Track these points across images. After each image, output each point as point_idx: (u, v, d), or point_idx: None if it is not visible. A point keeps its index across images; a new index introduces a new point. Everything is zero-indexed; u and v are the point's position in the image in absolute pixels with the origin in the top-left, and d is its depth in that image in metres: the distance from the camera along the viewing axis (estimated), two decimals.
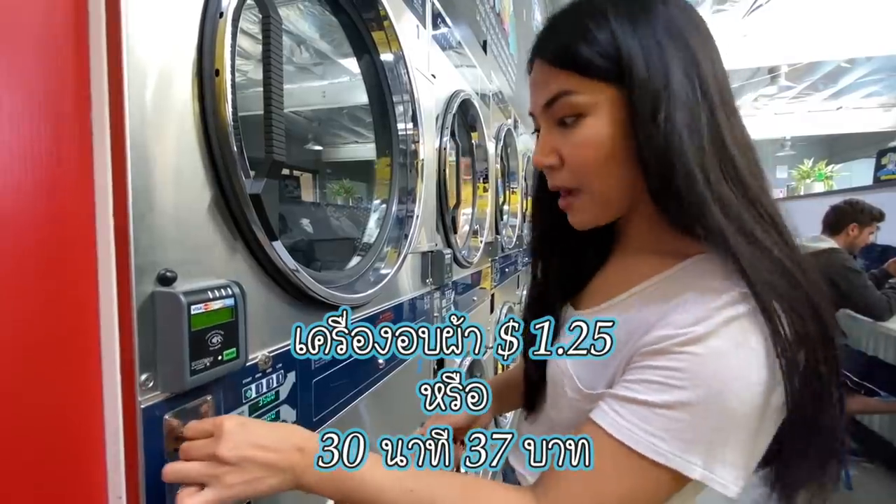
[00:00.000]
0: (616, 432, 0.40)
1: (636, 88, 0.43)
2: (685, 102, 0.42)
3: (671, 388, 0.38)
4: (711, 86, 0.44)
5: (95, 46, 0.40)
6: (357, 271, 0.86)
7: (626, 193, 0.48)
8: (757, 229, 0.41)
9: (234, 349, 0.48)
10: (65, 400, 0.39)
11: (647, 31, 0.43)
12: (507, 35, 2.54)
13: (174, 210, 0.45)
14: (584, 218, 0.51)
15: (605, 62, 0.44)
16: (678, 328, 0.39)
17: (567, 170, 0.48)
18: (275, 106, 0.51)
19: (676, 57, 0.43)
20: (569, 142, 0.47)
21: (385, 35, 0.91)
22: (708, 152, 0.42)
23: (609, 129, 0.45)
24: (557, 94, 0.47)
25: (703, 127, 0.42)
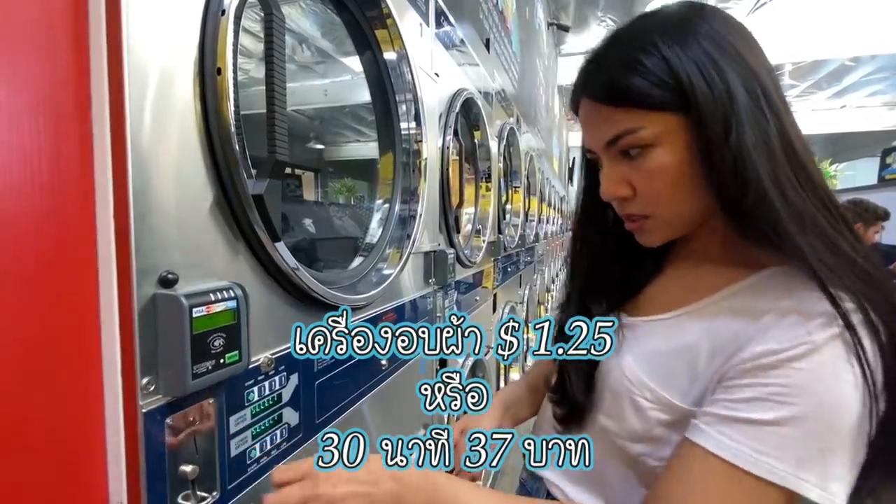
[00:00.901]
0: (726, 454, 0.38)
1: (704, 113, 0.41)
2: (753, 118, 0.41)
3: (781, 405, 0.37)
4: (773, 94, 0.42)
5: (95, 45, 0.39)
6: (360, 272, 0.85)
7: (698, 213, 0.47)
8: (837, 238, 0.40)
9: (236, 352, 0.47)
10: (65, 404, 0.38)
11: (698, 51, 0.42)
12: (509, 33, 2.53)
13: (175, 211, 0.44)
14: (654, 238, 0.50)
15: (664, 92, 0.42)
16: (780, 344, 0.38)
17: (640, 200, 0.48)
18: (277, 105, 0.50)
19: (734, 72, 0.42)
20: (638, 172, 0.46)
21: (388, 33, 0.90)
22: (781, 165, 0.41)
23: (678, 156, 0.44)
24: (620, 134, 0.45)
25: (773, 140, 0.41)
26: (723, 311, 0.45)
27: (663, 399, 0.45)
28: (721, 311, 0.45)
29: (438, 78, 1.15)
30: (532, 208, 3.06)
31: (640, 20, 0.48)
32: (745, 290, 0.45)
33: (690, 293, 0.49)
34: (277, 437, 0.58)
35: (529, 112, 3.39)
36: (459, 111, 1.28)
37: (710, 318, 0.46)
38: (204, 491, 0.47)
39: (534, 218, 3.19)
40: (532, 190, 2.99)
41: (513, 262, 2.50)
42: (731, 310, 0.44)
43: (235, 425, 0.51)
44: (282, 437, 0.59)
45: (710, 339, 0.44)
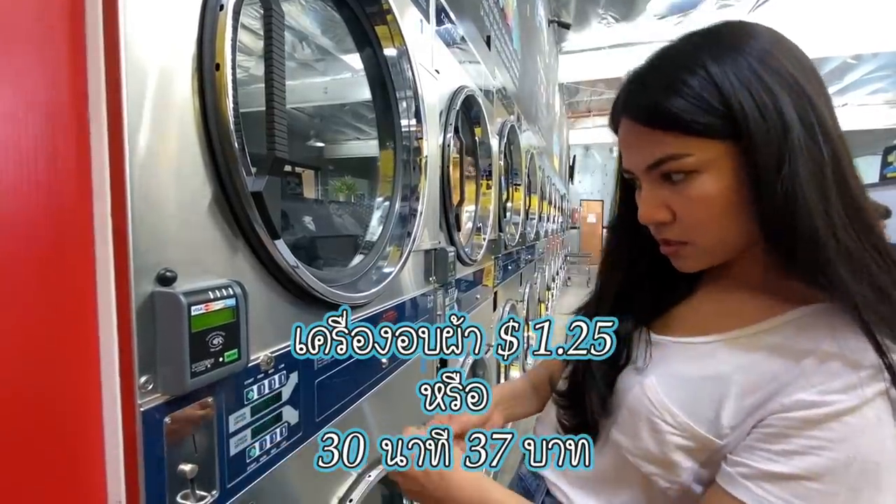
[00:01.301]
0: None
1: (755, 143, 0.39)
2: (808, 151, 0.38)
3: (825, 460, 0.35)
4: (829, 124, 0.40)
5: (92, 41, 0.39)
6: (360, 270, 0.85)
7: (740, 242, 0.45)
8: (888, 284, 0.38)
9: (235, 350, 0.47)
10: (63, 403, 0.38)
11: (749, 74, 0.39)
12: (510, 31, 2.52)
13: (174, 208, 0.44)
14: (691, 265, 0.48)
15: (713, 118, 0.40)
16: (827, 395, 0.36)
17: (679, 225, 0.45)
18: (277, 101, 0.49)
19: (787, 98, 0.39)
20: (680, 198, 0.44)
21: (388, 29, 0.89)
22: (834, 203, 0.38)
23: (725, 184, 0.41)
24: (664, 159, 0.43)
25: (828, 177, 0.38)
26: (761, 346, 0.43)
27: (685, 425, 0.43)
28: (758, 346, 0.43)
29: (439, 75, 1.14)
30: (533, 206, 3.06)
31: (687, 37, 0.45)
32: (786, 326, 0.42)
33: (725, 319, 0.47)
34: (277, 435, 0.58)
35: (530, 110, 3.38)
36: (460, 108, 1.28)
37: (746, 350, 0.44)
38: (203, 490, 0.46)
39: (534, 216, 3.19)
40: (533, 188, 2.99)
41: (513, 261, 2.50)
42: (770, 346, 0.42)
43: (235, 424, 0.51)
44: (281, 436, 0.59)
45: (744, 373, 0.42)
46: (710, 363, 0.45)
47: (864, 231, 0.39)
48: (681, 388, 0.45)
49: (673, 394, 0.45)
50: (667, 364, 0.49)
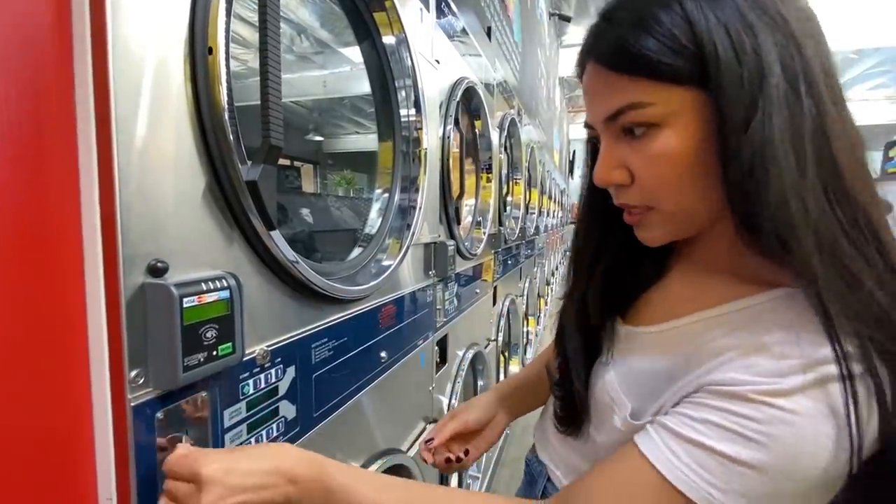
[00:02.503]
0: (669, 473, 0.35)
1: (725, 90, 0.34)
2: (786, 102, 0.33)
3: (744, 440, 0.33)
4: (819, 78, 0.34)
5: (78, 22, 0.37)
6: (358, 263, 0.84)
7: (706, 210, 0.40)
8: (861, 269, 0.33)
9: (229, 343, 0.46)
10: (51, 398, 0.37)
11: (730, 10, 0.34)
12: (511, 22, 2.49)
13: (165, 197, 0.42)
14: (655, 235, 0.43)
15: (683, 61, 0.35)
16: (761, 375, 0.33)
17: (638, 187, 0.40)
18: (272, 88, 0.48)
19: (771, 41, 0.34)
20: (639, 156, 0.39)
21: (387, 16, 0.87)
22: (810, 167, 0.33)
23: (690, 140, 0.36)
24: (623, 107, 0.38)
25: (806, 134, 0.33)
26: (718, 328, 0.39)
27: (630, 422, 0.42)
28: (715, 328, 0.40)
29: (439, 65, 1.12)
30: (533, 201, 3.04)
31: None
32: (751, 311, 0.39)
33: (690, 304, 0.43)
34: (274, 430, 0.57)
35: (531, 104, 3.35)
36: (460, 100, 1.26)
37: (702, 333, 0.40)
38: None
39: (534, 210, 3.17)
40: (533, 182, 2.97)
41: (513, 255, 2.49)
42: (726, 328, 0.39)
43: (230, 419, 0.50)
44: (278, 431, 0.58)
45: (690, 352, 0.40)
46: (664, 351, 0.43)
47: (844, 206, 0.34)
48: (637, 382, 0.43)
49: (629, 388, 0.43)
50: (630, 355, 0.47)
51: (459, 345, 1.48)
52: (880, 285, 0.33)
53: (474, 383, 1.87)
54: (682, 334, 0.42)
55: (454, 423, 0.66)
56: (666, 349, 0.43)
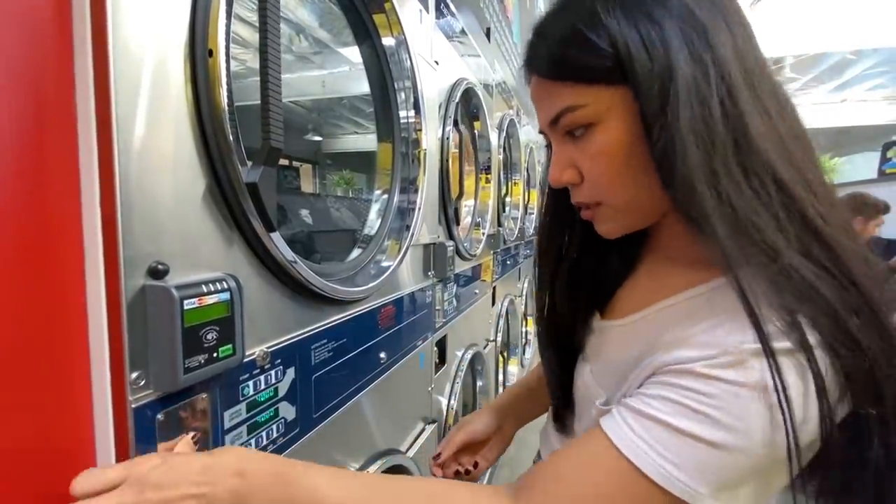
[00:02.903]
0: (624, 448, 0.36)
1: (640, 83, 0.36)
2: (695, 92, 0.35)
3: (694, 413, 0.34)
4: (731, 65, 0.36)
5: (79, 23, 0.37)
6: (358, 264, 0.84)
7: (654, 199, 0.41)
8: (785, 246, 0.34)
9: (230, 345, 0.46)
10: (52, 399, 0.37)
11: (641, 14, 0.37)
12: (510, 23, 2.49)
13: (166, 199, 0.42)
14: (611, 228, 0.45)
15: (603, 62, 0.38)
16: (706, 350, 0.35)
17: (587, 185, 0.44)
18: (272, 89, 0.48)
19: (681, 36, 0.36)
20: (583, 155, 0.42)
21: (386, 18, 0.87)
22: (720, 152, 0.35)
23: (622, 134, 0.39)
24: (561, 112, 0.41)
25: (716, 121, 0.35)
26: (670, 316, 0.42)
27: (600, 408, 0.43)
28: (668, 316, 0.42)
29: (438, 66, 1.13)
30: (532, 201, 3.05)
31: None
32: (700, 297, 0.41)
33: (654, 295, 0.45)
34: (274, 431, 0.57)
35: (530, 104, 3.35)
36: (459, 101, 1.26)
37: (659, 322, 0.42)
38: None
39: (533, 211, 3.18)
40: (532, 183, 2.97)
41: (512, 256, 2.49)
42: (677, 315, 0.41)
43: (230, 420, 0.50)
44: (278, 432, 0.58)
45: (647, 341, 0.41)
46: (630, 343, 0.44)
47: (765, 181, 0.35)
48: (609, 374, 0.45)
49: (604, 381, 0.45)
50: (603, 349, 0.49)
51: (458, 345, 1.48)
52: (812, 262, 0.34)
53: (473, 384, 1.88)
54: (645, 324, 0.45)
55: (461, 435, 0.67)
56: (632, 340, 0.45)
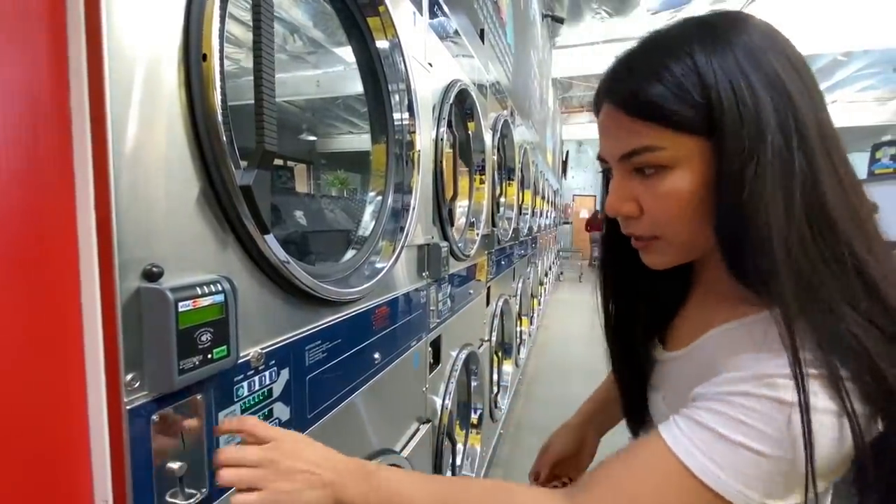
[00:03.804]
0: (677, 449, 0.38)
1: (727, 138, 0.38)
2: (780, 159, 0.37)
3: (740, 424, 0.36)
4: (812, 133, 0.38)
5: (73, 28, 0.37)
6: (352, 265, 0.84)
7: (705, 239, 0.43)
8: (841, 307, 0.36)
9: (224, 347, 0.46)
10: (47, 401, 0.37)
11: (736, 69, 0.38)
12: (504, 25, 2.50)
13: (160, 202, 0.43)
14: (659, 260, 0.47)
15: (693, 112, 0.39)
16: (751, 370, 0.37)
17: (647, 220, 0.44)
18: (266, 93, 0.48)
19: (770, 101, 0.37)
20: (649, 192, 0.43)
21: (380, 21, 0.88)
22: (797, 219, 0.37)
23: (695, 182, 0.41)
24: (637, 149, 0.42)
25: (796, 187, 0.37)
26: (715, 345, 0.44)
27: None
28: (713, 346, 0.45)
29: (432, 68, 1.13)
30: (526, 201, 3.06)
31: (681, 23, 0.43)
32: (743, 327, 0.43)
33: (702, 326, 0.48)
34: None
35: (524, 104, 3.37)
36: (453, 102, 1.27)
37: (705, 350, 0.45)
38: (192, 488, 0.46)
39: (527, 211, 3.19)
40: (526, 183, 2.99)
41: (506, 256, 2.50)
42: (720, 345, 0.44)
43: None
44: None
45: (697, 370, 0.44)
46: (690, 372, 0.47)
47: (832, 247, 0.37)
48: (680, 402, 0.46)
49: (676, 407, 0.46)
50: (670, 379, 0.52)
51: (453, 345, 1.49)
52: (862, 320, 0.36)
53: (468, 383, 1.89)
54: (699, 353, 0.47)
55: (550, 455, 0.72)
56: (691, 368, 0.47)
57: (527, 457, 0.66)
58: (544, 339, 4.48)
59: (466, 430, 1.90)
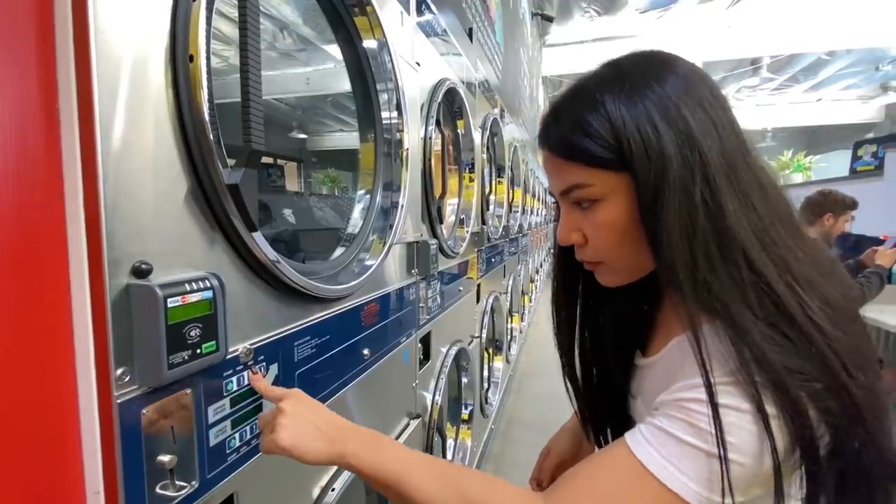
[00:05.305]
0: (637, 451, 0.41)
1: (638, 177, 0.44)
2: (682, 189, 0.42)
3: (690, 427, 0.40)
4: (715, 165, 0.43)
5: (61, 29, 0.38)
6: (341, 262, 0.85)
7: (648, 260, 0.48)
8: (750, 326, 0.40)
9: (213, 342, 0.47)
10: (39, 395, 0.38)
11: (641, 113, 0.43)
12: (493, 23, 2.51)
13: (149, 200, 0.44)
14: (610, 280, 0.53)
15: (609, 153, 0.44)
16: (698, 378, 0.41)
17: (590, 247, 0.50)
18: (253, 92, 0.49)
19: (675, 141, 0.43)
20: (588, 223, 0.49)
21: (368, 21, 0.89)
22: (700, 238, 0.42)
23: (624, 212, 0.46)
24: (571, 187, 0.48)
25: (698, 214, 0.42)
26: (678, 353, 0.48)
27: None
28: (677, 353, 0.49)
29: (420, 67, 1.14)
30: (516, 199, 3.08)
31: (600, 70, 0.49)
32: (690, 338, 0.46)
33: (668, 334, 0.52)
34: (257, 426, 0.58)
35: (513, 103, 3.39)
36: (442, 101, 1.28)
37: (672, 360, 0.49)
38: (182, 480, 0.47)
39: (518, 209, 3.21)
40: (516, 181, 3.01)
41: (497, 253, 2.52)
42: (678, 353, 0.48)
43: (214, 415, 0.51)
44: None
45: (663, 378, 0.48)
46: (661, 376, 0.51)
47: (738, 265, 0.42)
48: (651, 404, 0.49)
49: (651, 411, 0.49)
50: (645, 384, 0.55)
51: (443, 342, 1.50)
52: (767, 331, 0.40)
53: (458, 380, 1.90)
54: (668, 357, 0.52)
55: (552, 460, 0.76)
56: (662, 373, 0.51)
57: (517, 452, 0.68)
58: (535, 335, 4.52)
59: (457, 425, 1.92)
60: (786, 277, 0.42)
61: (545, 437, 0.82)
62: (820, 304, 0.42)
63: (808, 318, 0.41)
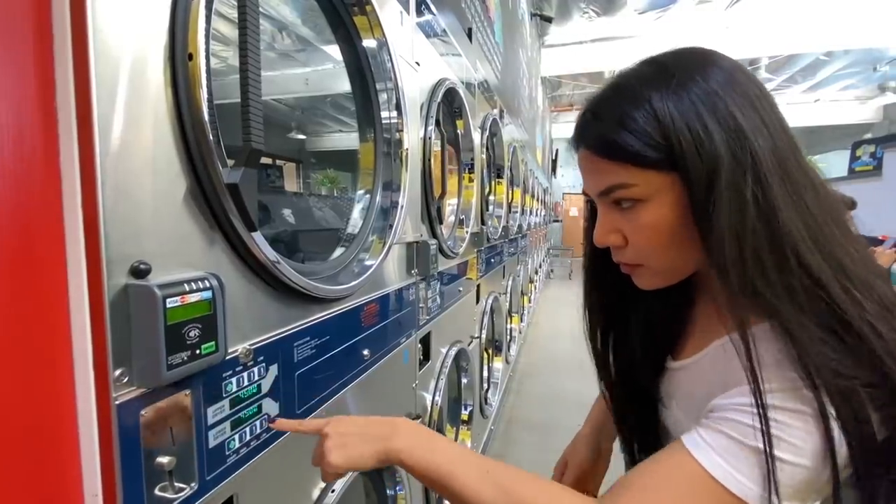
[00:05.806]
0: (697, 454, 0.40)
1: (690, 177, 0.42)
2: (733, 188, 0.41)
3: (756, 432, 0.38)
4: (767, 163, 0.41)
5: (59, 27, 0.38)
6: (341, 262, 0.85)
7: (689, 263, 0.47)
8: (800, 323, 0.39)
9: (212, 342, 0.47)
10: (36, 397, 0.37)
11: (692, 112, 0.42)
12: (492, 23, 2.51)
13: (148, 200, 0.43)
14: (648, 283, 0.50)
15: (656, 152, 0.42)
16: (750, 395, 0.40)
17: (630, 248, 0.48)
18: (252, 92, 0.49)
19: (725, 139, 0.41)
20: (629, 224, 0.47)
21: (367, 20, 0.89)
22: (749, 238, 0.41)
23: (669, 213, 0.44)
24: (612, 187, 0.46)
25: (749, 212, 0.41)
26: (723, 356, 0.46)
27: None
28: (720, 357, 0.47)
29: (419, 67, 1.14)
30: (515, 199, 3.08)
31: (640, 67, 0.47)
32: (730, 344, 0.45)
33: (707, 335, 0.51)
34: (257, 427, 0.58)
35: (513, 103, 3.39)
36: (442, 101, 1.28)
37: (714, 363, 0.48)
38: (182, 482, 0.46)
39: (517, 209, 3.21)
40: (515, 181, 3.01)
41: (496, 253, 2.52)
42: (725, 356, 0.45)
43: (213, 416, 0.51)
44: (262, 428, 0.59)
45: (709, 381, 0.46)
46: (700, 380, 0.49)
47: (789, 260, 0.41)
48: (694, 409, 0.48)
49: (692, 414, 0.48)
50: (682, 386, 0.53)
51: (443, 342, 1.50)
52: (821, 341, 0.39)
53: (458, 380, 1.90)
54: (706, 363, 0.50)
55: (572, 472, 0.73)
56: (702, 375, 0.50)
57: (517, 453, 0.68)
58: (535, 335, 4.52)
59: (457, 426, 1.91)
60: (841, 279, 0.41)
61: (545, 437, 0.82)
62: (877, 306, 0.40)
63: (866, 321, 0.39)
